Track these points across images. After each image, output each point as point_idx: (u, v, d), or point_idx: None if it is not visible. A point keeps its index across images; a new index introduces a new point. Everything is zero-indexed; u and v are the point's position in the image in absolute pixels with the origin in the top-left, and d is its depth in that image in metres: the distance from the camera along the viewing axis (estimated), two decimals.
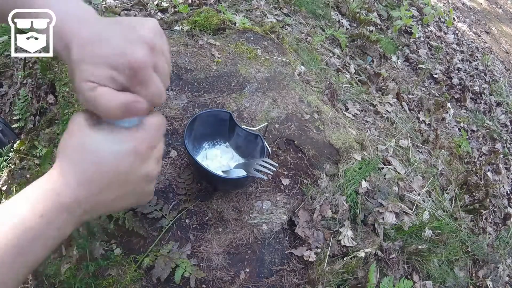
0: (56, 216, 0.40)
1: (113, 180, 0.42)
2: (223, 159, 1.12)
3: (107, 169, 0.41)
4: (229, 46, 1.53)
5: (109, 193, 0.43)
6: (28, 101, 1.39)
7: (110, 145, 0.42)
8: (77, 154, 0.42)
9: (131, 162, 0.42)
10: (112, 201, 0.44)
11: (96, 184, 0.41)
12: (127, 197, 0.45)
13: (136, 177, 0.44)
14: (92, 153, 0.41)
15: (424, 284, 1.18)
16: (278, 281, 1.01)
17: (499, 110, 2.74)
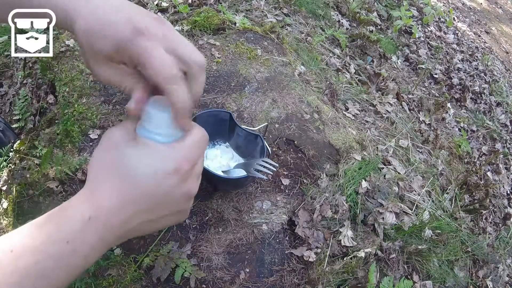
0: (84, 243, 0.36)
1: (152, 202, 0.38)
2: (223, 159, 1.12)
3: (146, 191, 0.37)
4: (229, 46, 1.53)
5: (146, 216, 0.39)
6: (28, 101, 1.39)
7: (150, 164, 0.38)
8: (112, 174, 0.38)
9: (172, 182, 0.38)
10: (149, 223, 0.40)
11: (133, 207, 0.38)
12: (165, 218, 0.42)
13: (176, 197, 0.40)
14: (129, 173, 0.37)
15: (424, 284, 1.18)
16: (278, 281, 1.01)
17: (499, 110, 2.74)
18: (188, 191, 0.40)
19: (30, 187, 0.99)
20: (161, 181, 0.38)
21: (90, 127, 1.12)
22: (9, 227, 0.95)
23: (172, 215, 0.42)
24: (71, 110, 1.16)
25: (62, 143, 1.09)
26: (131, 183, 0.37)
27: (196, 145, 0.41)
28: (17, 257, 0.34)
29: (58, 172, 1.00)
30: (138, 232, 0.41)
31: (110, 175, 0.38)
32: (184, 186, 0.40)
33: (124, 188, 0.37)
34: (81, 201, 0.38)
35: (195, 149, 0.41)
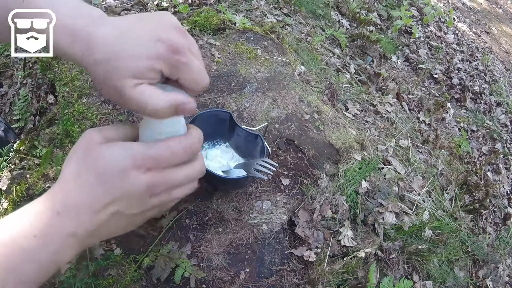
0: (53, 238, 0.36)
1: (117, 197, 0.39)
2: (223, 159, 1.12)
3: (112, 184, 0.38)
4: (229, 46, 1.53)
5: (112, 212, 0.39)
6: (28, 101, 1.39)
7: (119, 159, 0.38)
8: (83, 171, 0.39)
9: (131, 176, 0.38)
10: (119, 219, 0.40)
11: (101, 200, 0.38)
12: (131, 217, 0.41)
13: (135, 191, 0.39)
14: (99, 168, 0.38)
15: (424, 284, 1.18)
16: (278, 281, 1.01)
17: (499, 110, 2.74)
18: (152, 187, 0.40)
19: (30, 187, 0.99)
20: (125, 176, 0.38)
21: (90, 127, 1.12)
22: None
23: (139, 214, 0.42)
24: (71, 110, 1.16)
25: (62, 143, 1.09)
26: (99, 178, 0.38)
27: (166, 149, 0.40)
28: None
29: (58, 172, 1.00)
30: (108, 232, 0.41)
31: (81, 172, 0.39)
32: (145, 180, 0.39)
33: (92, 183, 0.38)
34: (51, 197, 0.38)
35: (171, 153, 0.40)
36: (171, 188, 0.42)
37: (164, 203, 0.43)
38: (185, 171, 0.43)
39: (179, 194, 0.44)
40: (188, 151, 0.42)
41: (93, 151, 0.39)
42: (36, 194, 0.99)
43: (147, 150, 0.40)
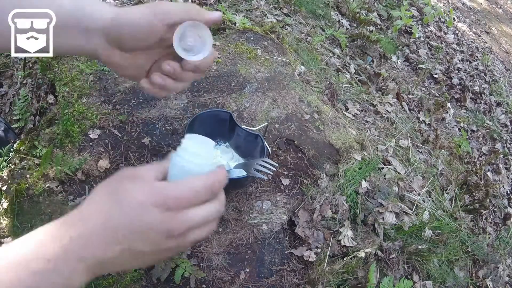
0: (65, 263, 0.36)
1: (131, 231, 0.38)
2: (223, 159, 1.12)
3: (128, 219, 0.38)
4: (229, 46, 1.53)
5: (126, 244, 0.39)
6: (28, 101, 1.39)
7: (139, 194, 0.39)
8: (104, 200, 0.39)
9: (152, 215, 0.38)
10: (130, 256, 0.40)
11: (114, 232, 0.38)
12: (146, 255, 0.41)
13: (154, 232, 0.39)
14: (119, 201, 0.39)
15: (424, 284, 1.18)
16: (278, 281, 1.01)
17: (499, 110, 2.74)
18: (169, 229, 0.39)
19: (30, 187, 0.99)
20: (142, 211, 0.38)
21: (90, 127, 1.12)
22: (9, 227, 0.95)
23: (153, 253, 0.41)
24: (71, 110, 1.16)
25: (62, 143, 1.09)
26: (117, 209, 0.38)
27: (192, 188, 0.41)
28: (1, 271, 0.34)
29: (58, 172, 1.00)
30: (119, 265, 0.41)
31: (102, 201, 0.40)
32: (165, 222, 0.39)
33: (109, 213, 0.38)
34: (70, 220, 0.39)
35: (193, 193, 0.41)
36: (189, 230, 0.42)
37: (179, 247, 0.42)
38: (204, 211, 0.42)
39: (196, 237, 0.43)
40: (209, 190, 0.42)
41: (120, 184, 0.40)
42: (36, 194, 0.99)
43: (169, 189, 0.40)
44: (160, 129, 1.18)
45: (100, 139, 1.11)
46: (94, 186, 1.06)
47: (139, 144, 1.13)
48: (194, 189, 0.41)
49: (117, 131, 1.13)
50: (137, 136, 1.14)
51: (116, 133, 1.13)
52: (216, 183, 0.43)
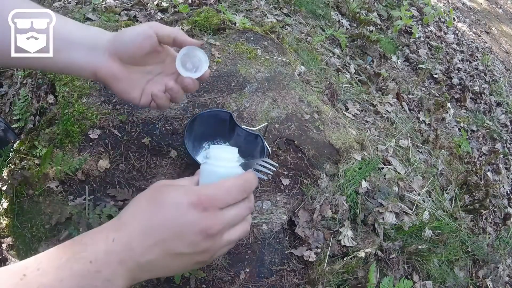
0: (107, 265, 0.37)
1: (170, 231, 0.40)
2: None
3: (165, 219, 0.40)
4: (229, 46, 1.53)
5: (165, 246, 0.40)
6: (28, 101, 1.39)
7: (177, 196, 0.41)
8: (143, 205, 0.41)
9: (189, 214, 0.40)
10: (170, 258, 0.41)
11: (153, 235, 0.39)
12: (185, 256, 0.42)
13: (191, 231, 0.40)
14: (158, 204, 0.41)
15: (424, 284, 1.18)
16: (278, 281, 1.01)
17: (499, 110, 2.74)
18: (206, 227, 0.40)
19: (30, 187, 0.99)
20: (179, 212, 0.40)
21: (90, 127, 1.12)
22: (9, 227, 0.95)
23: (191, 255, 0.42)
24: (71, 110, 1.16)
25: (62, 143, 1.09)
26: (154, 212, 0.40)
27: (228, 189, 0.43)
28: (42, 274, 0.34)
29: (58, 172, 1.00)
30: (159, 268, 0.41)
31: (140, 206, 0.42)
32: (202, 221, 0.40)
33: (147, 216, 0.40)
34: (110, 225, 0.40)
35: (226, 192, 0.43)
36: (224, 229, 0.43)
37: (215, 248, 0.43)
38: (237, 209, 0.44)
39: (231, 237, 0.45)
40: (241, 190, 0.44)
41: (157, 191, 0.43)
42: (36, 194, 0.99)
43: (203, 190, 0.42)
44: (160, 129, 1.18)
45: (100, 139, 1.11)
46: (94, 186, 1.06)
47: (139, 144, 1.13)
48: (227, 189, 0.43)
49: (117, 131, 1.13)
50: (137, 136, 1.14)
51: (116, 133, 1.13)
52: (248, 183, 0.45)
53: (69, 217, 0.94)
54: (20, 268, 0.34)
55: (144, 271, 0.40)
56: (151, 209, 0.40)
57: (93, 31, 0.55)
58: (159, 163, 1.11)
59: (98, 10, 1.64)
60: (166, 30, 0.60)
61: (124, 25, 1.49)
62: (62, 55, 0.49)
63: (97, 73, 0.55)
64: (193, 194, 0.41)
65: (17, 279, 0.33)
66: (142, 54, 0.58)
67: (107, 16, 1.59)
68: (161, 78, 0.66)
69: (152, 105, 0.66)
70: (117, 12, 1.65)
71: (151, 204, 0.41)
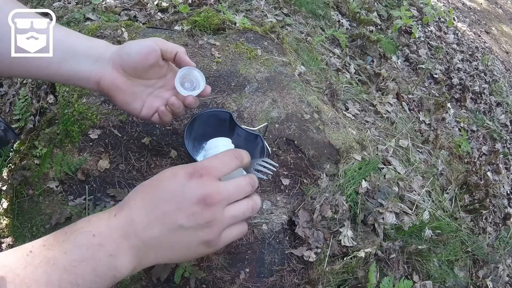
0: (109, 239, 0.37)
1: (168, 200, 0.41)
2: None
3: (163, 190, 0.42)
4: (229, 46, 1.53)
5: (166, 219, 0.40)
6: (28, 101, 1.39)
7: (175, 170, 0.44)
8: (145, 187, 0.44)
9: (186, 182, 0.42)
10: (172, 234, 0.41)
11: (154, 208, 0.40)
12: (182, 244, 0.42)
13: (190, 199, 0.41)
14: (157, 181, 0.43)
15: (424, 284, 1.18)
16: (278, 281, 1.01)
17: (499, 110, 2.74)
18: (204, 195, 0.41)
19: (30, 187, 0.99)
20: (177, 183, 0.42)
21: (90, 127, 1.12)
22: (9, 227, 0.95)
23: (195, 228, 0.42)
24: (71, 110, 1.16)
25: (62, 143, 1.09)
26: (155, 187, 0.43)
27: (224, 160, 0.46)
28: (48, 248, 0.35)
29: (58, 172, 1.00)
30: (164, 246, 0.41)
31: (143, 186, 0.44)
32: (199, 189, 0.41)
33: (148, 192, 0.42)
34: (114, 208, 0.42)
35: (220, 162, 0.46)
36: (224, 200, 0.43)
37: (218, 222, 0.43)
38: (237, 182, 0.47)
39: (235, 212, 0.45)
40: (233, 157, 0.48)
41: (159, 174, 0.46)
42: (36, 194, 0.99)
43: (198, 162, 0.46)
44: (160, 129, 1.18)
45: (100, 139, 1.11)
46: (94, 186, 1.06)
47: (139, 144, 1.13)
48: (221, 159, 0.46)
49: (117, 131, 1.13)
50: (137, 136, 1.14)
51: (116, 133, 1.13)
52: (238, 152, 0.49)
53: (69, 217, 0.94)
54: (28, 246, 0.36)
55: (148, 249, 0.40)
56: (150, 186, 0.43)
57: (98, 43, 0.58)
58: (159, 163, 1.11)
59: (98, 10, 1.63)
60: (169, 45, 0.64)
61: (124, 25, 1.48)
62: (67, 65, 0.51)
63: (100, 83, 0.57)
64: (189, 166, 0.43)
65: (24, 255, 0.34)
66: (145, 67, 0.61)
67: (107, 16, 1.59)
68: (162, 92, 0.69)
69: (154, 119, 0.70)
70: (117, 12, 1.65)
71: (151, 182, 0.43)
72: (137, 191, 0.43)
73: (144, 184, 0.44)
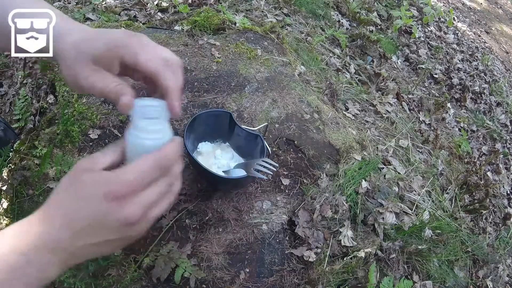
0: (37, 256, 0.38)
1: (88, 224, 0.40)
2: (223, 159, 1.12)
3: (82, 213, 0.40)
4: (229, 46, 1.53)
5: (87, 237, 0.41)
6: (28, 101, 1.39)
7: (89, 188, 0.41)
8: (63, 196, 0.42)
9: (104, 206, 0.40)
10: (94, 246, 0.42)
11: (73, 227, 0.40)
12: (107, 244, 0.42)
13: (110, 223, 0.41)
14: (72, 196, 0.41)
15: (424, 284, 1.18)
16: (278, 281, 1.01)
17: (499, 110, 2.74)
18: (125, 218, 0.40)
19: (30, 187, 0.99)
20: (96, 206, 0.40)
21: (90, 127, 1.12)
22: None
23: (121, 239, 0.43)
24: (71, 110, 1.16)
25: (62, 143, 1.09)
26: (73, 204, 0.40)
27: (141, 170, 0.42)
28: None
29: (58, 172, 1.00)
30: (92, 253, 0.43)
31: (62, 196, 0.42)
32: (119, 211, 0.40)
33: (70, 209, 0.40)
34: (37, 219, 0.41)
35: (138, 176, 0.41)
36: (145, 213, 0.43)
37: (142, 227, 0.44)
38: (156, 190, 0.43)
39: (156, 213, 0.44)
40: (156, 169, 0.43)
41: (77, 178, 0.42)
42: (36, 194, 0.99)
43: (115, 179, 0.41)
44: None
45: (100, 139, 1.11)
46: None
47: None
48: (141, 172, 0.41)
49: (117, 131, 1.13)
50: None
51: (116, 133, 1.13)
52: (163, 160, 0.43)
53: None
54: None
55: (77, 257, 0.42)
56: (70, 201, 0.41)
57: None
58: None
59: (98, 10, 1.63)
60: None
61: (124, 25, 1.48)
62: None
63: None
64: (107, 185, 0.40)
65: None
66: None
67: (107, 16, 1.59)
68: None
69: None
70: (117, 12, 1.65)
71: (70, 195, 0.41)
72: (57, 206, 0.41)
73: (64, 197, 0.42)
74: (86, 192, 0.41)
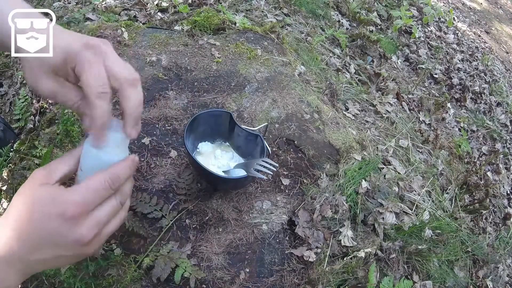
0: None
1: (43, 241, 0.41)
2: (223, 159, 1.12)
3: (36, 230, 0.40)
4: (229, 46, 1.53)
5: (41, 252, 0.41)
6: (28, 101, 1.39)
7: (44, 205, 0.41)
8: (18, 209, 0.41)
9: (58, 225, 0.40)
10: (50, 260, 0.42)
11: (28, 241, 0.41)
12: (61, 258, 0.43)
13: (65, 241, 0.41)
14: (28, 211, 0.41)
15: (424, 284, 1.18)
16: (278, 281, 1.01)
17: (499, 110, 2.74)
18: (79, 238, 0.41)
19: None
20: (50, 226, 0.40)
21: None
22: None
23: (67, 257, 0.43)
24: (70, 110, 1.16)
25: (62, 143, 1.09)
26: (31, 223, 0.40)
27: (94, 190, 0.42)
28: None
29: None
30: (44, 265, 0.44)
31: (20, 210, 0.41)
32: (73, 232, 0.41)
33: (22, 224, 0.41)
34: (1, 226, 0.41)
35: (90, 195, 0.42)
36: (99, 231, 0.43)
37: (96, 244, 0.45)
38: (107, 210, 0.44)
39: (108, 231, 0.46)
40: (107, 189, 0.43)
41: (34, 191, 0.42)
42: None
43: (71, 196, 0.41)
44: (160, 129, 1.18)
45: None
46: None
47: (139, 144, 1.13)
48: (94, 191, 0.42)
49: None
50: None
51: None
52: (115, 179, 0.44)
53: None
54: None
55: (36, 268, 0.43)
56: (26, 215, 0.41)
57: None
58: (159, 163, 1.11)
59: (98, 10, 1.63)
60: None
61: (124, 25, 1.48)
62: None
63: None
64: (62, 204, 0.40)
65: None
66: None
67: (107, 16, 1.59)
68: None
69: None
70: (117, 12, 1.65)
71: (28, 209, 0.41)
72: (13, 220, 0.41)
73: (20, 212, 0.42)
74: (41, 209, 0.41)
